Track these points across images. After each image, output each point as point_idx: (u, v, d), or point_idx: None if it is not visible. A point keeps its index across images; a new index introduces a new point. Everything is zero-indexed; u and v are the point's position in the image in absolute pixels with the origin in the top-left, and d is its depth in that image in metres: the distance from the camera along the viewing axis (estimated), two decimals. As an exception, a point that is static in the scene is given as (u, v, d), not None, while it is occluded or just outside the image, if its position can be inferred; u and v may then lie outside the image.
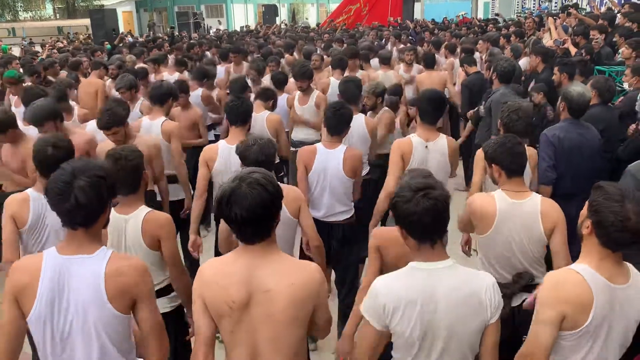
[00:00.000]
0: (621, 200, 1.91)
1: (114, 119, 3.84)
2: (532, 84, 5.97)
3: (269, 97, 5.15)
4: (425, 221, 1.91)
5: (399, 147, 3.66)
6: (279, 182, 2.06)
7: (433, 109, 3.65)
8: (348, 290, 3.93)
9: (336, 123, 3.73)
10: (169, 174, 4.43)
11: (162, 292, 2.92)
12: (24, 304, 1.97)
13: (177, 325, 3.02)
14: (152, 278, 2.18)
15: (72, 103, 5.65)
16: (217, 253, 3.50)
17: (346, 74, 6.57)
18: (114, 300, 1.95)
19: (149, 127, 4.53)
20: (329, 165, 3.71)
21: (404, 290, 1.94)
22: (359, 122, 4.43)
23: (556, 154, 3.83)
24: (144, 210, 2.81)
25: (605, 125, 4.34)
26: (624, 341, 2.06)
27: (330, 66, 7.28)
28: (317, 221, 3.60)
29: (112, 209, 2.72)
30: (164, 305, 2.89)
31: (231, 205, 1.87)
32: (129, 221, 2.78)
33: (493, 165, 2.88)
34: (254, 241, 1.96)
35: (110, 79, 7.54)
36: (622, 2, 10.42)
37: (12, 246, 2.92)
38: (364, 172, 4.50)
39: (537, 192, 2.99)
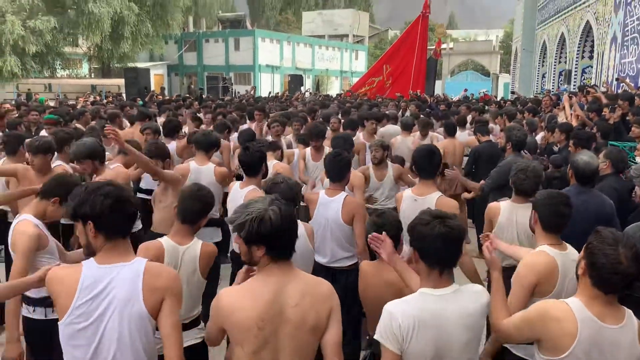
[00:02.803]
0: (615, 245, 2.00)
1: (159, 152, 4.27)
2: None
3: (276, 148, 5.49)
4: (438, 246, 2.03)
5: (396, 200, 3.93)
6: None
7: (427, 163, 3.79)
8: (347, 343, 3.89)
9: (335, 169, 3.89)
10: (213, 217, 4.58)
11: (194, 323, 3.03)
12: (59, 307, 2.09)
13: (203, 357, 3.08)
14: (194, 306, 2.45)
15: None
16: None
17: (363, 135, 6.83)
18: (147, 299, 2.08)
19: (199, 171, 4.73)
20: (329, 212, 3.83)
21: (416, 311, 2.04)
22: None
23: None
24: (199, 241, 3.03)
25: (618, 194, 4.43)
26: None
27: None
28: (322, 267, 3.71)
29: (167, 237, 2.98)
30: (195, 335, 2.99)
31: (269, 223, 1.99)
32: (186, 251, 2.96)
33: (534, 211, 2.94)
34: (288, 255, 2.09)
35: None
36: (639, 84, 10.70)
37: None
38: None
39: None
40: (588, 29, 17.94)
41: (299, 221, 3.15)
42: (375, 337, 2.11)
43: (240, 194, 3.93)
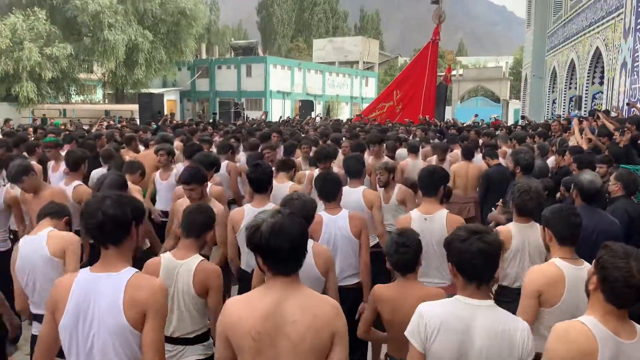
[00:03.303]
0: (626, 258, 2.00)
1: (196, 176, 4.17)
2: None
3: (289, 168, 5.44)
4: (476, 262, 2.07)
5: (399, 222, 3.91)
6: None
7: (429, 181, 3.86)
8: None
9: (327, 189, 3.92)
10: None
11: (199, 339, 3.02)
12: (57, 316, 2.17)
13: None
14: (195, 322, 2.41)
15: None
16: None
17: (372, 158, 6.88)
18: (128, 311, 2.10)
19: None
20: (336, 229, 3.85)
21: (444, 315, 2.08)
22: (357, 193, 4.61)
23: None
24: (197, 258, 2.99)
25: (629, 216, 4.43)
26: None
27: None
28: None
29: (169, 253, 2.99)
30: (199, 352, 2.99)
31: (279, 237, 1.99)
32: (182, 266, 2.94)
33: (546, 229, 2.96)
34: (290, 272, 2.06)
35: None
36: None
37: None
38: (372, 242, 4.49)
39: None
40: (598, 55, 18.01)
41: (311, 241, 3.18)
42: (405, 333, 2.17)
43: (254, 212, 3.96)
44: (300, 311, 2.02)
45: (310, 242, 2.89)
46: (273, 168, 4.74)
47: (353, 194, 4.54)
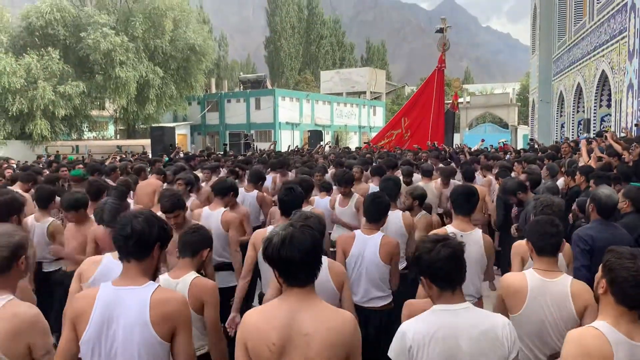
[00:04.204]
0: (633, 259, 2.03)
1: (177, 203, 4.24)
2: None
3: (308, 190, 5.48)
4: (447, 268, 2.11)
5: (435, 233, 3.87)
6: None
7: (465, 201, 3.87)
8: None
9: (374, 210, 3.98)
10: (226, 261, 4.70)
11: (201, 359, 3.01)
12: (79, 328, 2.21)
13: None
14: (197, 341, 2.45)
15: (129, 201, 6.16)
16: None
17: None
18: (156, 325, 2.15)
19: (209, 216, 4.85)
20: (366, 250, 3.88)
21: (427, 327, 2.09)
22: (396, 216, 4.66)
23: (591, 252, 3.90)
24: (192, 275, 3.05)
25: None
26: None
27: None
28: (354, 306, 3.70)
29: (167, 274, 3.02)
30: None
31: (290, 248, 2.05)
32: (179, 284, 2.98)
33: (527, 242, 3.01)
34: (304, 284, 2.10)
35: (166, 184, 8.11)
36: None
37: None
38: (401, 265, 4.60)
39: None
40: (604, 78, 18.13)
41: (325, 258, 3.23)
42: (388, 354, 2.16)
43: None
44: (314, 324, 2.05)
45: (324, 258, 2.94)
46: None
47: (391, 216, 4.53)
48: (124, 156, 16.27)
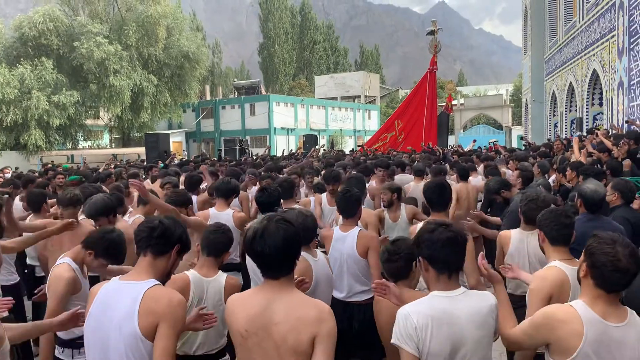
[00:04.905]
0: (612, 244, 2.09)
1: (180, 199, 4.47)
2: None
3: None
4: (446, 251, 2.16)
5: (412, 232, 4.01)
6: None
7: (438, 196, 3.86)
8: None
9: (345, 206, 4.03)
10: (233, 262, 4.76)
11: (220, 354, 3.14)
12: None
13: None
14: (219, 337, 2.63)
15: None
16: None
17: (375, 182, 7.02)
18: (141, 318, 2.16)
19: (217, 217, 4.87)
20: (344, 247, 3.94)
21: (430, 310, 2.14)
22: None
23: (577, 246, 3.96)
24: (224, 274, 3.16)
25: (631, 225, 4.47)
26: None
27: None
28: (339, 302, 3.74)
29: (194, 270, 3.08)
30: None
31: (261, 241, 2.09)
32: (211, 283, 3.07)
33: (539, 230, 3.02)
34: (277, 276, 2.13)
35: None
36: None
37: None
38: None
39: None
40: (595, 76, 18.25)
41: (318, 251, 3.29)
42: (391, 341, 2.17)
43: None
44: (284, 313, 2.08)
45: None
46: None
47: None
48: (118, 163, 16.31)
